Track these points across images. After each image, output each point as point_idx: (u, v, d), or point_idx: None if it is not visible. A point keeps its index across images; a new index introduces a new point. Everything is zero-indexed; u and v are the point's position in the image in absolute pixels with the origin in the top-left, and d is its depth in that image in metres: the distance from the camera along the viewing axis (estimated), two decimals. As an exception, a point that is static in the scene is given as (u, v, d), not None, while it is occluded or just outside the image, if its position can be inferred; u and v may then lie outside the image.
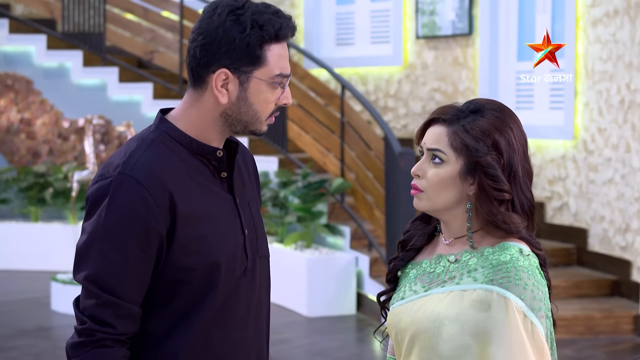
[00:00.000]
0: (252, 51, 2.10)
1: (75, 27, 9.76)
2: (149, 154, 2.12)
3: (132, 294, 2.07)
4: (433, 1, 9.09)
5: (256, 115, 2.15)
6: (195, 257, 2.11)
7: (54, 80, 9.91)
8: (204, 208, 2.14)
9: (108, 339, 2.05)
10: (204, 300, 2.13)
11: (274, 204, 8.21)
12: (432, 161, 2.19)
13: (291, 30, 2.14)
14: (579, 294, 7.20)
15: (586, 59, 7.63)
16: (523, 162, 2.17)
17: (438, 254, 2.24)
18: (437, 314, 2.15)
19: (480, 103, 2.19)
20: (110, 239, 2.05)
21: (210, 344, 2.16)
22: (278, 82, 2.14)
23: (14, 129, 9.91)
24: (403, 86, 9.51)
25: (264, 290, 2.29)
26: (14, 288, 8.61)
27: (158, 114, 2.21)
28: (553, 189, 8.06)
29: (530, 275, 2.11)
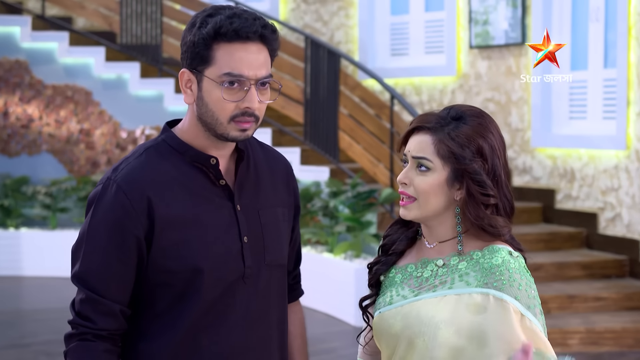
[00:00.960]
0: (198, 49, 2.15)
1: (133, 40, 9.94)
2: (138, 161, 2.20)
3: (112, 292, 2.16)
4: (486, 11, 9.06)
5: (214, 116, 2.17)
6: (176, 261, 2.17)
7: (112, 91, 10.10)
8: (190, 214, 2.18)
9: (89, 333, 2.16)
10: (186, 303, 2.18)
11: (324, 214, 8.25)
12: (418, 169, 2.21)
13: (250, 31, 2.13)
14: (630, 307, 7.09)
15: (639, 67, 7.52)
16: (504, 165, 2.22)
17: (424, 259, 2.26)
18: (431, 318, 2.17)
19: (461, 110, 2.23)
20: (93, 241, 2.17)
21: (198, 347, 2.20)
22: (225, 81, 2.14)
23: (73, 139, 10.12)
24: (456, 96, 9.48)
25: (274, 299, 2.30)
26: (70, 295, 8.75)
27: (165, 124, 2.29)
28: (606, 200, 7.96)
29: (522, 276, 2.17)
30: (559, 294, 7.00)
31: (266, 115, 9.65)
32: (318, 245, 8.43)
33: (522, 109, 8.78)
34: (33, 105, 10.12)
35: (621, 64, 7.66)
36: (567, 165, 8.35)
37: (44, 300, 8.57)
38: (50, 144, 10.14)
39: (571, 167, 8.30)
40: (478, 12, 9.13)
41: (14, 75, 10.12)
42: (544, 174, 8.58)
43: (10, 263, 9.62)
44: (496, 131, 2.22)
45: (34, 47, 10.15)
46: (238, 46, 2.14)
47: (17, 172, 10.10)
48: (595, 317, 6.81)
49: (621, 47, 7.66)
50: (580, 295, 7.00)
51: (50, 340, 7.09)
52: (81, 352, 2.16)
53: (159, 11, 9.82)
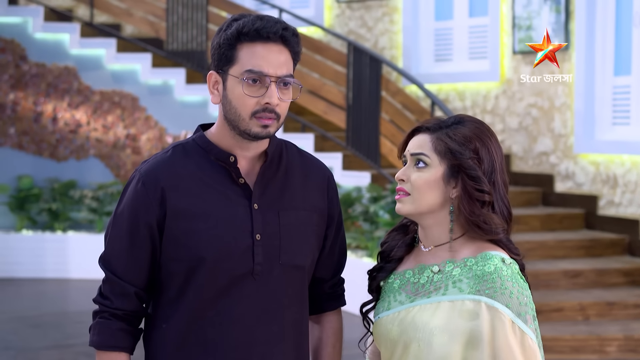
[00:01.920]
0: (223, 50, 2.28)
1: (179, 46, 10.07)
2: (164, 156, 2.36)
3: (128, 274, 2.33)
4: (529, 16, 9.02)
5: (236, 112, 2.28)
6: (183, 250, 2.30)
7: (158, 97, 10.24)
8: (203, 207, 2.30)
9: (106, 311, 2.34)
10: (190, 291, 2.31)
11: (364, 219, 8.28)
12: (416, 166, 2.26)
13: (271, 32, 2.26)
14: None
15: (682, 73, 7.45)
16: (501, 173, 2.26)
17: (421, 264, 2.30)
18: (426, 324, 2.22)
19: (462, 116, 2.29)
20: (116, 226, 2.36)
21: (202, 335, 2.31)
22: (248, 78, 2.26)
23: (120, 144, 10.28)
24: (500, 102, 9.46)
25: (288, 299, 2.35)
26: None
27: (198, 126, 2.44)
28: (648, 206, 7.88)
29: (514, 283, 2.19)
30: (598, 300, 6.95)
31: (309, 121, 9.71)
32: (358, 250, 8.46)
33: (565, 115, 8.73)
34: (81, 111, 10.30)
35: (664, 69, 7.58)
36: (610, 171, 8.28)
37: (89, 303, 8.62)
38: (98, 149, 10.31)
39: (614, 173, 8.23)
40: (521, 17, 9.10)
41: (63, 82, 10.31)
42: (587, 180, 8.52)
43: (57, 266, 9.80)
44: (494, 140, 2.27)
45: (83, 54, 10.33)
46: (260, 45, 2.27)
47: (65, 177, 10.29)
48: (635, 325, 6.75)
49: (664, 52, 7.58)
50: (620, 302, 6.94)
51: (82, 342, 7.22)
52: (100, 328, 2.34)
53: (204, 18, 9.94)
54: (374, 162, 8.76)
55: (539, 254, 7.61)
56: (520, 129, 9.21)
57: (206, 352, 2.31)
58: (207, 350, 2.31)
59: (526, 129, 9.13)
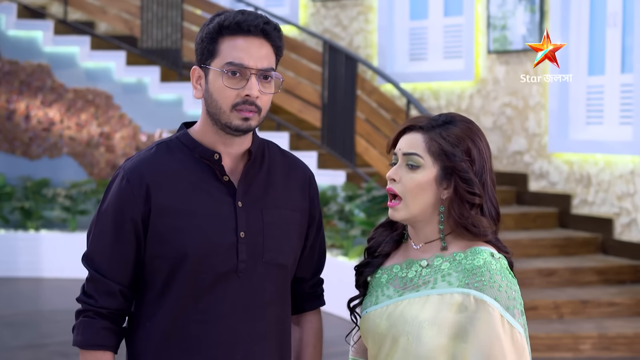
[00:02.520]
0: (205, 44, 2.31)
1: (154, 44, 10.03)
2: (147, 153, 2.35)
3: (113, 272, 2.32)
4: (504, 16, 9.06)
5: (217, 105, 2.28)
6: (167, 247, 2.29)
7: (132, 95, 10.19)
8: (187, 204, 2.30)
9: (90, 310, 2.32)
10: (173, 288, 2.30)
11: (339, 218, 8.28)
12: (408, 166, 2.25)
13: (252, 25, 2.27)
14: (644, 312, 7.07)
15: (655, 73, 7.50)
16: (490, 173, 2.27)
17: (409, 259, 2.30)
18: (415, 317, 2.22)
19: (452, 115, 2.29)
20: (100, 224, 2.35)
21: (187, 332, 2.31)
22: (228, 70, 2.26)
23: (94, 142, 10.22)
24: (474, 101, 9.49)
25: (272, 297, 2.36)
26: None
27: (182, 124, 2.43)
28: (621, 205, 7.93)
29: (503, 277, 2.21)
30: (573, 299, 6.99)
31: (284, 119, 9.70)
32: (333, 249, 8.46)
33: (540, 114, 8.77)
34: (54, 109, 10.23)
35: (638, 69, 7.64)
36: (584, 171, 8.33)
37: (63, 302, 8.65)
38: (71, 147, 10.25)
39: (587, 172, 8.28)
40: (496, 17, 9.14)
41: (36, 79, 10.23)
42: (561, 179, 8.57)
43: (30, 265, 9.73)
44: (484, 138, 2.28)
45: (56, 51, 10.26)
46: (241, 39, 2.28)
47: (38, 175, 10.22)
48: (608, 323, 6.80)
49: (638, 52, 7.64)
50: (594, 301, 6.99)
51: (67, 341, 7.17)
52: (83, 327, 2.31)
53: (179, 16, 9.90)
54: (349, 161, 8.76)
55: (513, 252, 7.63)
56: (494, 128, 9.24)
57: (190, 350, 2.30)
58: (191, 347, 2.30)
59: (500, 129, 9.17)
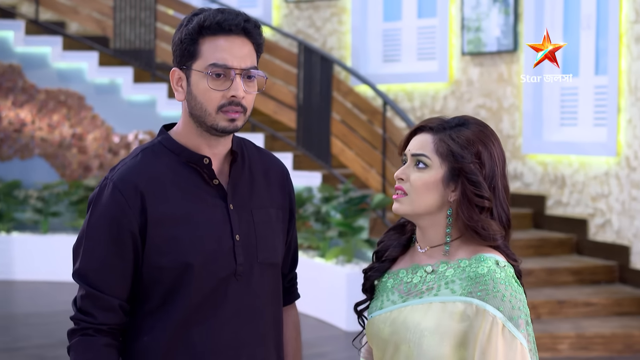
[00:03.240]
0: (185, 45, 2.24)
1: (126, 44, 9.96)
2: (134, 161, 2.28)
3: (111, 287, 2.24)
4: (478, 18, 9.10)
5: (202, 107, 2.24)
6: (167, 257, 2.24)
7: (105, 96, 10.12)
8: (183, 211, 2.25)
9: (90, 328, 2.24)
10: (177, 299, 2.25)
11: (316, 219, 8.28)
12: (416, 166, 2.24)
13: (234, 24, 2.22)
14: (620, 312, 7.13)
15: (629, 75, 7.58)
16: (502, 178, 2.24)
17: (415, 264, 2.29)
18: (416, 324, 2.20)
19: (465, 118, 2.27)
20: (92, 238, 2.25)
21: (190, 342, 2.26)
22: (212, 72, 2.22)
23: (66, 143, 10.13)
24: (448, 102, 9.53)
25: (268, 297, 2.35)
26: (61, 299, 8.78)
27: (161, 127, 2.36)
28: (596, 206, 8.00)
29: (507, 286, 2.17)
30: (549, 299, 7.04)
31: (259, 121, 9.67)
32: (310, 250, 8.45)
33: (514, 116, 8.82)
34: (26, 110, 10.13)
35: (612, 71, 7.71)
36: (558, 172, 8.39)
37: (36, 305, 8.57)
38: (43, 148, 10.15)
39: (562, 173, 8.34)
40: (470, 19, 9.18)
41: (7, 80, 10.13)
42: (535, 180, 8.63)
43: (1, 267, 9.62)
44: (497, 143, 2.24)
45: (27, 52, 10.16)
46: (222, 38, 2.23)
47: (9, 176, 10.11)
48: (585, 323, 6.85)
49: (612, 54, 7.71)
50: (570, 301, 7.04)
51: (42, 344, 7.10)
52: (83, 346, 2.24)
53: (152, 16, 9.85)
54: (324, 162, 8.76)
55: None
56: (468, 129, 9.27)
57: (194, 358, 2.27)
58: (195, 356, 2.26)
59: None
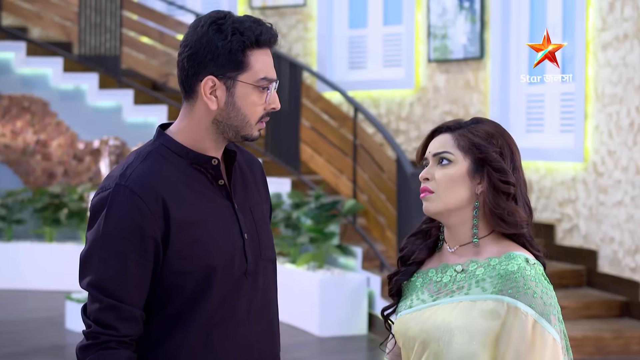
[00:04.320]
0: (234, 56, 2.22)
1: (92, 50, 9.90)
2: (145, 165, 2.24)
3: (132, 297, 2.19)
4: (445, 25, 9.19)
5: (245, 119, 2.24)
6: (190, 261, 2.22)
7: (69, 102, 10.04)
8: (199, 214, 2.24)
9: (112, 341, 2.17)
10: (199, 302, 2.23)
11: (286, 225, 8.29)
12: (440, 164, 2.26)
13: (273, 37, 2.25)
14: (589, 315, 7.24)
15: (596, 82, 7.71)
16: (520, 171, 2.28)
17: (444, 264, 2.31)
18: (447, 323, 2.21)
19: (479, 118, 2.32)
20: (109, 247, 2.18)
21: (210, 344, 2.26)
22: (263, 86, 2.24)
23: (29, 150, 10.03)
24: (415, 109, 9.60)
25: (271, 292, 2.37)
26: (29, 307, 8.70)
27: (157, 128, 2.33)
28: (563, 211, 8.12)
29: (538, 283, 2.19)
30: (521, 303, 7.11)
31: (226, 127, 9.65)
32: (280, 257, 8.46)
33: (480, 122, 8.91)
34: (-11, 116, 10.02)
35: (579, 78, 7.83)
36: (525, 178, 8.48)
37: (3, 313, 8.47)
38: (6, 155, 10.04)
39: (529, 179, 8.45)
40: (437, 26, 9.27)
41: (-31, 85, 10.01)
42: (502, 186, 8.72)
43: (-35, 275, 9.50)
44: (512, 139, 2.29)
45: (-10, 57, 10.05)
46: (264, 52, 2.25)
47: (-27, 183, 9.98)
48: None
49: (579, 61, 7.83)
50: (542, 305, 7.13)
51: (13, 352, 7.03)
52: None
53: (117, 22, 9.80)
54: (294, 169, 8.78)
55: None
56: (435, 136, 9.35)
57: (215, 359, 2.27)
58: (216, 356, 2.26)
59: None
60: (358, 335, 7.67)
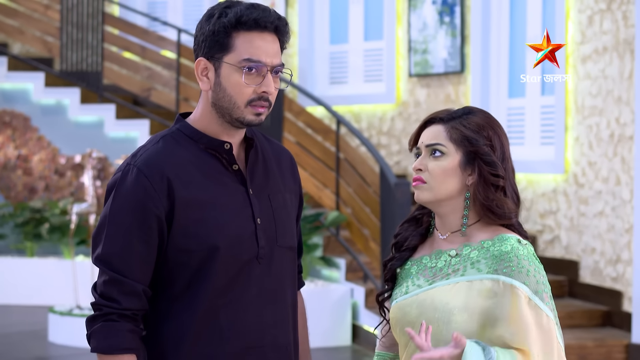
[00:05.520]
0: (218, 37, 2.29)
1: (73, 66, 9.91)
2: (156, 147, 2.33)
3: (135, 272, 2.27)
4: (425, 40, 9.28)
5: (232, 100, 2.30)
6: (194, 240, 2.28)
7: (51, 117, 10.04)
8: (207, 195, 2.30)
9: (114, 313, 2.26)
10: (203, 282, 2.29)
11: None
12: (432, 155, 2.34)
13: (263, 19, 2.29)
14: (572, 325, 7.30)
15: (576, 94, 7.81)
16: (509, 160, 2.37)
17: (437, 250, 2.38)
18: (445, 303, 2.29)
19: (470, 107, 2.39)
20: (115, 223, 2.28)
21: (217, 324, 2.31)
22: (245, 66, 2.28)
23: (10, 165, 10.01)
24: (396, 123, 9.67)
25: (287, 280, 2.40)
26: (11, 321, 8.66)
27: (177, 115, 2.41)
28: (544, 223, 8.20)
29: (530, 262, 2.29)
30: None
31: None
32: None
33: (462, 136, 8.99)
34: (-30, 131, 9.99)
35: (559, 91, 7.93)
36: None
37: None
38: (-13, 170, 10.01)
39: (510, 191, 8.52)
40: (417, 41, 9.36)
41: (-50, 100, 9.98)
42: (484, 199, 8.79)
43: (-54, 290, 9.44)
44: (502, 129, 2.37)
45: (-29, 72, 10.04)
46: (256, 35, 2.30)
47: (-47, 198, 9.94)
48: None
49: (559, 74, 7.93)
50: (525, 314, 7.18)
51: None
52: (107, 331, 2.25)
53: (99, 37, 9.82)
54: (276, 182, 8.80)
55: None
56: (416, 149, 9.42)
57: (221, 340, 2.31)
58: (222, 338, 2.31)
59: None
60: (342, 347, 7.69)
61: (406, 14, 9.50)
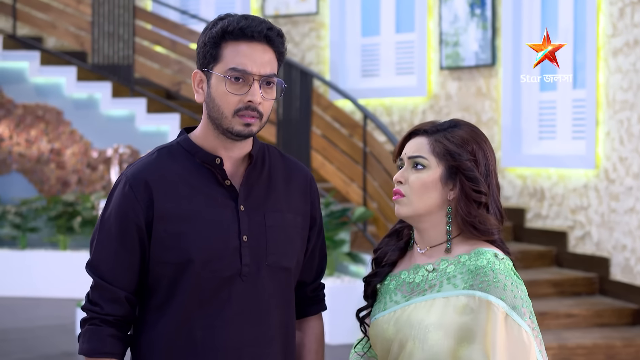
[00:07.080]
0: (208, 49, 2.31)
1: (105, 59, 9.94)
2: (148, 159, 2.36)
3: (119, 279, 2.31)
4: (457, 32, 9.17)
5: (219, 110, 2.29)
6: (170, 252, 2.29)
7: (83, 111, 10.09)
8: (190, 209, 2.30)
9: (96, 318, 2.32)
10: (179, 294, 2.29)
11: (297, 233, 8.28)
12: (414, 168, 2.29)
13: (255, 31, 2.28)
14: (601, 323, 7.18)
15: (607, 88, 7.66)
16: (494, 175, 2.30)
17: (415, 264, 2.32)
18: (421, 321, 2.23)
19: (456, 120, 2.33)
20: (103, 231, 2.34)
21: (192, 339, 2.30)
22: (231, 75, 2.27)
23: (44, 158, 10.08)
24: (427, 117, 9.58)
25: (276, 300, 2.35)
26: (40, 315, 8.73)
27: (182, 129, 2.44)
28: (575, 219, 8.06)
29: (507, 277, 2.22)
30: (531, 311, 7.06)
31: (238, 135, 9.67)
32: (291, 264, 8.46)
33: (492, 130, 8.88)
34: (3, 125, 10.08)
35: (590, 84, 7.79)
36: (537, 185, 8.45)
37: (14, 320, 8.50)
38: (21, 164, 10.10)
39: (541, 186, 8.40)
40: (448, 33, 9.25)
41: (-16, 95, 10.08)
42: (514, 194, 8.68)
43: (-21, 283, 9.55)
44: (488, 143, 2.31)
45: (5, 67, 10.12)
46: (244, 44, 2.29)
47: (-13, 192, 10.05)
48: (567, 334, 6.89)
49: (590, 68, 7.79)
50: (552, 312, 7.08)
51: (22, 359, 7.05)
52: (89, 335, 2.31)
53: (130, 31, 9.84)
54: (305, 176, 8.76)
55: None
56: (447, 143, 9.32)
57: (196, 355, 2.29)
58: (197, 353, 2.29)
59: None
60: (368, 343, 7.64)
61: (437, 6, 9.39)
